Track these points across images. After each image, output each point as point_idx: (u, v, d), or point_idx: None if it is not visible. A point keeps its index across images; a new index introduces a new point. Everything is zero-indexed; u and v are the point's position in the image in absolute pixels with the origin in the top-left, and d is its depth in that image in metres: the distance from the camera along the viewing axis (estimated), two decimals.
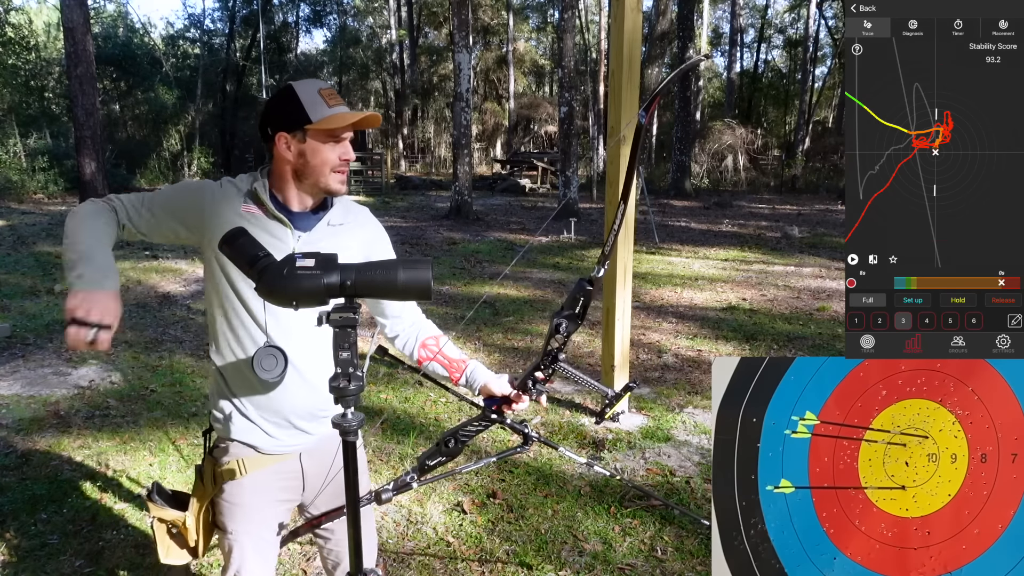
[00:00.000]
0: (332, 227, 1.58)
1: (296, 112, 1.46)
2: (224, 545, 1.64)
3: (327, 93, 1.49)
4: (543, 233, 12.87)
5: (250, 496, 1.59)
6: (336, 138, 1.50)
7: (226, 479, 1.58)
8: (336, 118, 1.46)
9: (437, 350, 1.70)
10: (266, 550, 1.65)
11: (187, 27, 31.15)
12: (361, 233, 1.64)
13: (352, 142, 1.56)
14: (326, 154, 1.49)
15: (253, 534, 1.61)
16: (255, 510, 1.61)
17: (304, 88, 1.49)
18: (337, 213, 1.60)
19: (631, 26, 3.77)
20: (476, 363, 1.71)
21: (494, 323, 6.36)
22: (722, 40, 38.14)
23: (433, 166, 33.21)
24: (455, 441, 1.61)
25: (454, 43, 14.83)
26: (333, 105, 1.48)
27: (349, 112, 1.48)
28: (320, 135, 1.47)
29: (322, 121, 1.45)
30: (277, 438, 1.59)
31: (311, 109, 1.46)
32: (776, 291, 7.94)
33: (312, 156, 1.48)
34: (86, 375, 4.81)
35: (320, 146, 1.48)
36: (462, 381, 1.70)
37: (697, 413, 4.31)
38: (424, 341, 1.71)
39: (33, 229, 11.07)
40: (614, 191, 3.90)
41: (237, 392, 1.57)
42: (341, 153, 1.51)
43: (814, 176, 24.44)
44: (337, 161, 1.50)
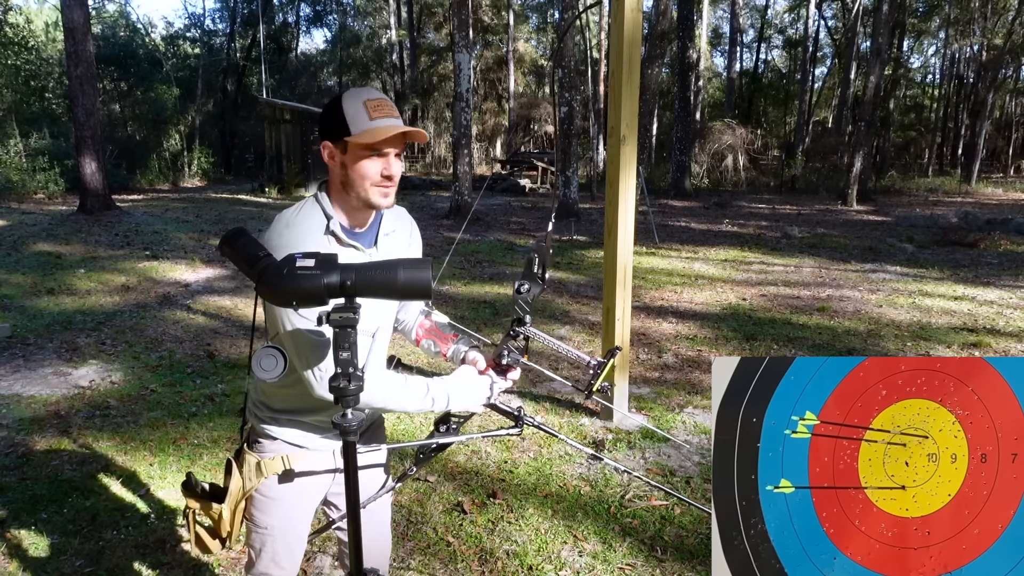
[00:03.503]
0: (387, 236, 1.59)
1: (338, 122, 1.42)
2: (254, 540, 1.65)
3: (373, 104, 1.42)
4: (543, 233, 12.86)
5: (288, 492, 1.61)
6: (378, 152, 1.43)
7: (269, 473, 1.59)
8: (374, 132, 1.39)
9: (430, 325, 1.78)
10: (295, 546, 1.68)
11: (187, 27, 31.21)
12: (407, 235, 1.68)
13: None
14: (366, 168, 1.43)
15: (287, 530, 1.64)
16: (291, 506, 1.63)
17: (351, 97, 1.43)
18: (389, 221, 1.61)
19: (631, 26, 3.77)
20: (464, 340, 1.77)
21: (494, 323, 6.36)
22: (722, 40, 38.18)
23: (433, 166, 33.21)
24: (447, 428, 1.66)
25: (454, 43, 14.83)
26: (376, 117, 1.41)
27: (389, 126, 1.41)
28: (360, 148, 1.42)
29: (360, 134, 1.40)
30: (321, 437, 1.61)
31: (352, 121, 1.41)
32: (776, 291, 7.94)
33: (353, 169, 1.44)
34: (86, 375, 4.81)
35: (361, 159, 1.43)
36: (449, 354, 1.75)
37: (697, 413, 4.31)
38: (421, 321, 1.80)
39: (33, 229, 11.06)
40: (614, 191, 3.91)
41: (286, 395, 1.58)
42: (383, 168, 1.44)
43: (814, 176, 24.43)
44: (378, 176, 1.44)
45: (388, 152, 1.45)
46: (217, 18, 31.29)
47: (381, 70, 35.71)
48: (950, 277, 8.77)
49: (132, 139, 24.52)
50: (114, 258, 9.01)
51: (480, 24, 31.06)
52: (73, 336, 5.70)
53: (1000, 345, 5.79)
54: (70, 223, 11.78)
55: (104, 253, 9.36)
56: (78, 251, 9.39)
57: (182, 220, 13.05)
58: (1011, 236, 12.08)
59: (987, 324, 6.44)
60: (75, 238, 10.38)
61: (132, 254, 9.25)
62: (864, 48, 24.35)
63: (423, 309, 1.82)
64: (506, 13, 30.79)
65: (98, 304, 6.78)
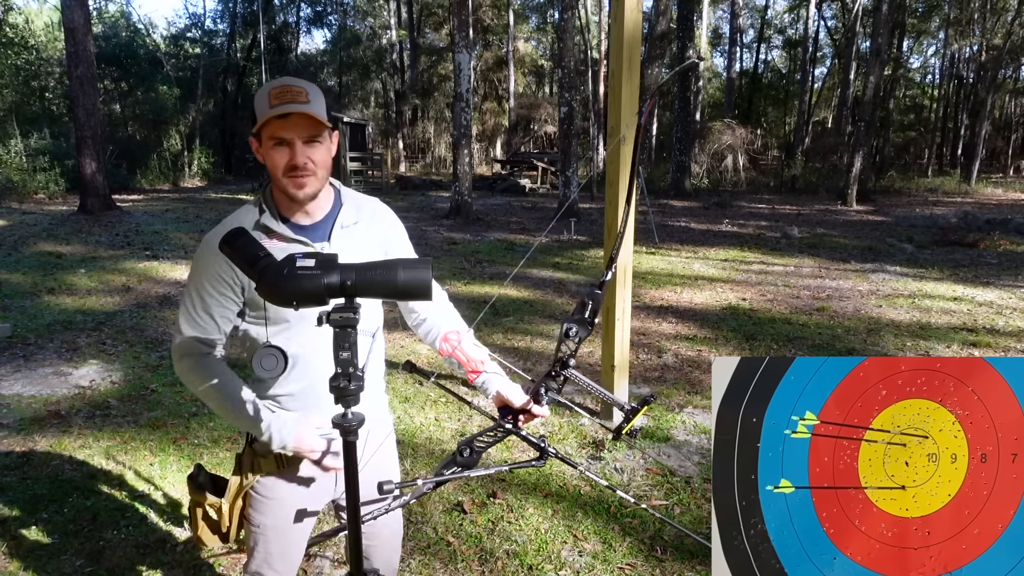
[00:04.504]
0: (346, 229, 1.53)
1: (253, 117, 1.41)
2: (250, 539, 1.64)
3: (276, 92, 1.37)
4: (543, 234, 12.87)
5: (283, 491, 1.59)
6: (282, 140, 1.39)
7: (263, 471, 1.58)
8: (267, 118, 1.36)
9: (457, 344, 1.65)
10: (290, 549, 1.64)
11: (188, 27, 31.20)
12: (378, 228, 1.60)
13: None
14: (274, 159, 1.40)
15: (280, 530, 1.61)
16: (284, 506, 1.61)
17: (262, 88, 1.40)
18: (348, 213, 1.55)
19: (631, 26, 3.77)
20: (494, 367, 1.66)
21: (494, 323, 6.36)
22: (722, 40, 38.17)
23: (433, 166, 33.21)
24: (470, 451, 1.57)
25: (454, 43, 14.83)
26: (275, 104, 1.36)
27: (280, 111, 1.35)
28: (266, 139, 1.40)
29: (261, 125, 1.38)
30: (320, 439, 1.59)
31: (259, 112, 1.38)
32: (776, 291, 7.94)
33: (267, 161, 1.42)
34: (86, 375, 4.81)
35: (268, 149, 1.40)
36: (477, 382, 1.65)
37: (697, 413, 4.31)
38: (446, 334, 1.67)
39: (34, 229, 11.07)
40: (614, 191, 3.91)
41: (280, 396, 1.57)
42: (289, 157, 1.39)
43: (814, 176, 24.43)
44: (286, 166, 1.40)
45: (292, 140, 1.39)
46: (217, 18, 31.33)
47: (381, 70, 35.72)
48: (950, 277, 8.77)
49: (132, 139, 24.54)
50: (114, 258, 9.02)
51: (480, 24, 31.06)
52: (73, 336, 5.70)
53: (1000, 345, 5.79)
54: (70, 223, 11.79)
55: (104, 253, 9.36)
56: (78, 251, 9.39)
57: (182, 220, 13.06)
58: (1011, 236, 12.08)
59: (987, 324, 6.44)
60: (75, 238, 10.38)
61: (132, 254, 9.26)
62: (864, 48, 24.35)
63: (460, 327, 1.70)
64: (506, 13, 30.79)
65: (98, 304, 6.78)
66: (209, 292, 1.49)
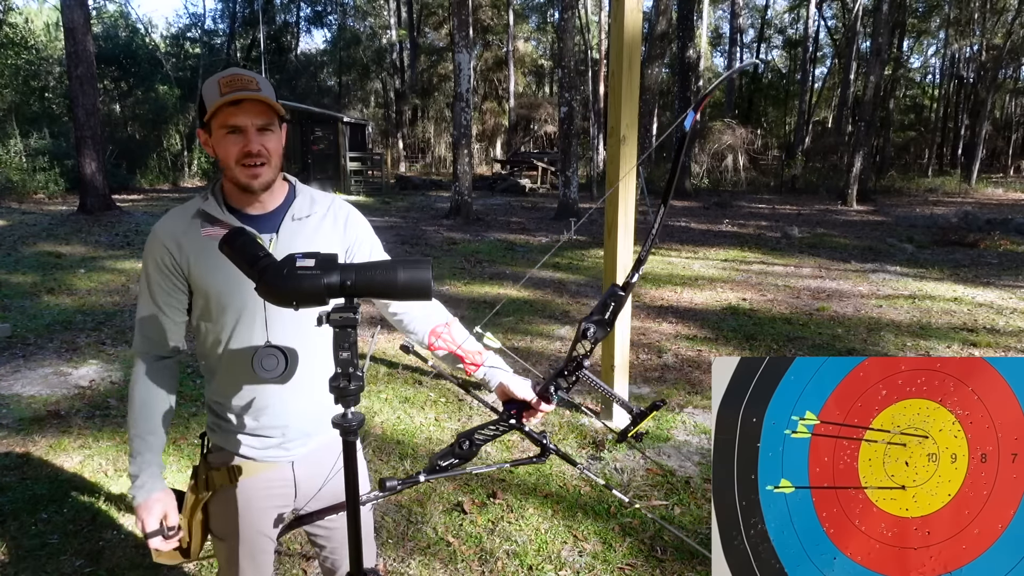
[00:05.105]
0: (298, 221, 1.51)
1: (201, 107, 1.39)
2: (218, 552, 1.62)
3: (226, 81, 1.36)
4: (543, 234, 12.87)
5: (242, 503, 1.56)
6: (234, 128, 1.37)
7: (218, 484, 1.55)
8: (219, 105, 1.34)
9: (449, 338, 1.59)
10: (259, 557, 1.62)
11: (188, 27, 31.21)
12: (333, 223, 1.56)
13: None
14: (226, 147, 1.38)
15: (247, 540, 1.59)
16: (247, 517, 1.57)
17: (211, 79, 1.39)
18: (301, 205, 1.52)
19: (631, 26, 3.77)
20: (495, 359, 1.58)
21: (494, 323, 6.36)
22: (722, 40, 38.18)
23: (433, 166, 33.21)
24: (470, 443, 1.54)
25: (454, 43, 14.83)
26: (226, 92, 1.34)
27: (233, 97, 1.34)
28: (217, 128, 1.38)
29: (212, 114, 1.36)
30: (271, 448, 1.56)
31: (208, 101, 1.36)
32: (776, 291, 7.94)
33: (218, 150, 1.40)
34: (86, 375, 4.81)
35: (220, 139, 1.38)
36: (478, 374, 1.57)
37: (697, 413, 4.31)
38: (434, 328, 1.59)
39: (34, 229, 11.07)
40: (615, 191, 3.91)
41: (233, 402, 1.55)
42: (243, 144, 1.37)
43: (814, 176, 24.43)
44: (239, 153, 1.38)
45: (246, 126, 1.37)
46: (217, 18, 31.35)
47: (381, 70, 35.72)
48: (950, 277, 8.77)
49: (132, 139, 24.53)
50: (114, 258, 9.02)
51: (480, 24, 31.05)
52: (73, 336, 5.70)
53: (1000, 345, 5.79)
54: (70, 223, 11.79)
55: (104, 253, 9.36)
56: (78, 251, 9.39)
57: None
58: (1011, 236, 12.08)
59: (987, 324, 6.44)
60: (75, 238, 10.38)
61: (132, 254, 9.25)
62: (864, 48, 24.33)
63: (448, 319, 1.62)
64: (506, 13, 30.80)
65: (98, 304, 6.78)
66: (156, 281, 1.51)
